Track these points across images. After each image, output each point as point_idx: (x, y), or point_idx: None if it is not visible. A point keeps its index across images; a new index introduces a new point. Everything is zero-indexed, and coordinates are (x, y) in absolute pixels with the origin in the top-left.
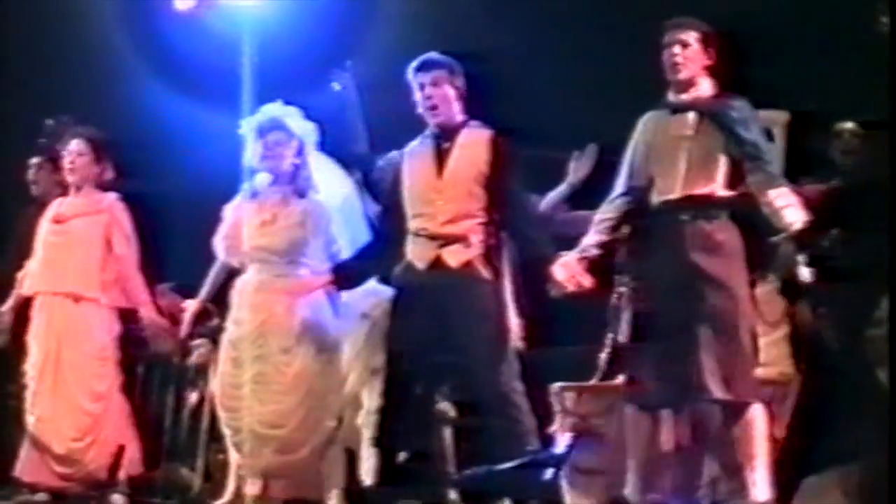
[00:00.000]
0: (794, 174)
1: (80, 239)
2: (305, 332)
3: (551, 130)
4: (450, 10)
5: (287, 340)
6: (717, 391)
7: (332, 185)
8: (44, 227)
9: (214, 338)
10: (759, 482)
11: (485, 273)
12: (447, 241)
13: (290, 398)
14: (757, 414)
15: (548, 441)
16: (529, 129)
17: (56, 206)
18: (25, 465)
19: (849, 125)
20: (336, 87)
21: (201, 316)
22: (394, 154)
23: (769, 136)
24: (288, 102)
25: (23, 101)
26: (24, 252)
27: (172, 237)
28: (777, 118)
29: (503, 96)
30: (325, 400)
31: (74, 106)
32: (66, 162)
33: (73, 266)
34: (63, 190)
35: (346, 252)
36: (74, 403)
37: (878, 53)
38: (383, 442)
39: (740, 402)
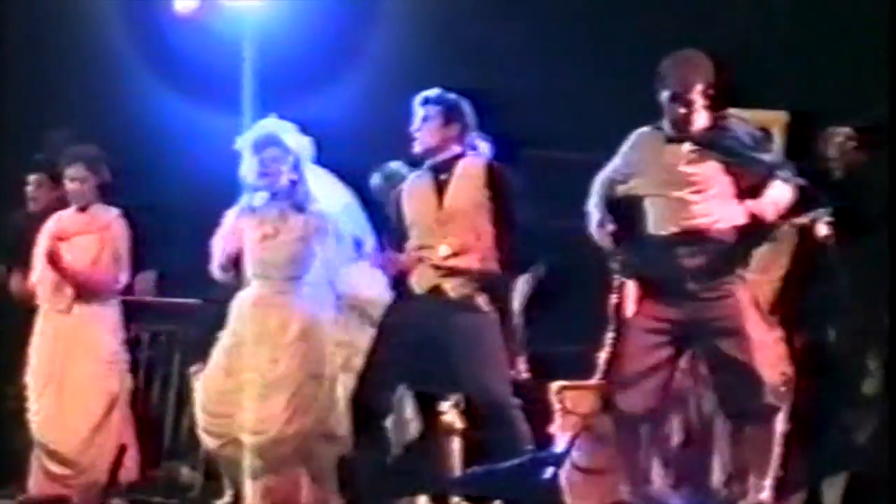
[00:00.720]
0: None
1: (84, 255)
2: (299, 345)
3: (553, 136)
4: (452, 13)
5: (276, 351)
6: (735, 399)
7: (330, 195)
8: (44, 244)
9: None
10: (767, 484)
11: (483, 306)
12: (450, 272)
13: (273, 402)
14: (778, 420)
15: (547, 440)
16: (532, 134)
17: (56, 222)
18: (35, 479)
19: (844, 130)
20: None
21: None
22: (390, 171)
23: (767, 136)
24: (288, 105)
25: (22, 105)
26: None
27: (174, 242)
28: (776, 119)
29: (505, 100)
30: (311, 407)
31: (74, 109)
32: (67, 186)
33: (80, 279)
34: (63, 204)
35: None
36: (83, 408)
37: (878, 54)
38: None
39: (763, 409)
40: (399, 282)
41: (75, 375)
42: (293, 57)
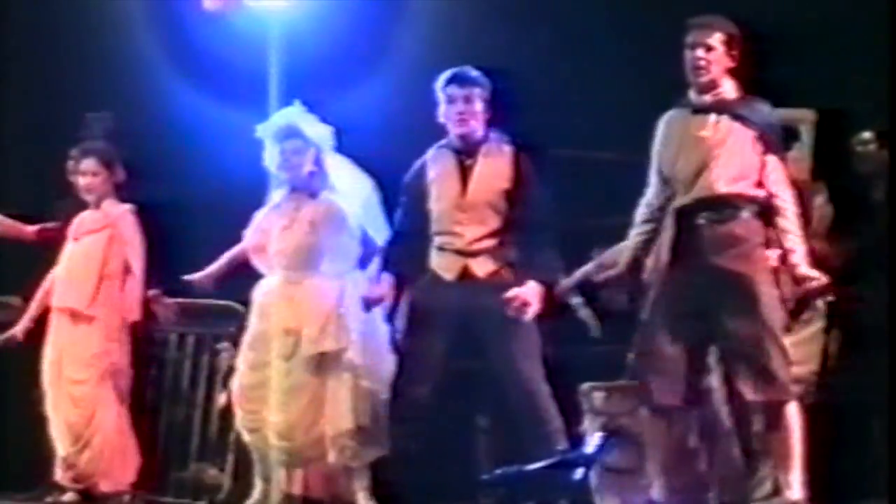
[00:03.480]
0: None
1: (84, 256)
2: (312, 347)
3: (575, 134)
4: (477, 12)
5: (286, 348)
6: (748, 393)
7: (351, 186)
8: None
9: (235, 340)
10: (794, 482)
11: (512, 280)
12: (474, 254)
13: (293, 407)
14: (792, 413)
15: (577, 441)
16: (553, 134)
17: (77, 224)
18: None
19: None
20: None
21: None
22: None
23: (796, 135)
24: (314, 104)
25: (49, 102)
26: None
27: (198, 241)
28: (805, 117)
29: (528, 99)
30: (324, 408)
31: (100, 106)
32: (80, 182)
33: (75, 282)
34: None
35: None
36: (65, 411)
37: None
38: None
39: (774, 403)
40: (422, 268)
41: (66, 381)
42: (319, 56)
